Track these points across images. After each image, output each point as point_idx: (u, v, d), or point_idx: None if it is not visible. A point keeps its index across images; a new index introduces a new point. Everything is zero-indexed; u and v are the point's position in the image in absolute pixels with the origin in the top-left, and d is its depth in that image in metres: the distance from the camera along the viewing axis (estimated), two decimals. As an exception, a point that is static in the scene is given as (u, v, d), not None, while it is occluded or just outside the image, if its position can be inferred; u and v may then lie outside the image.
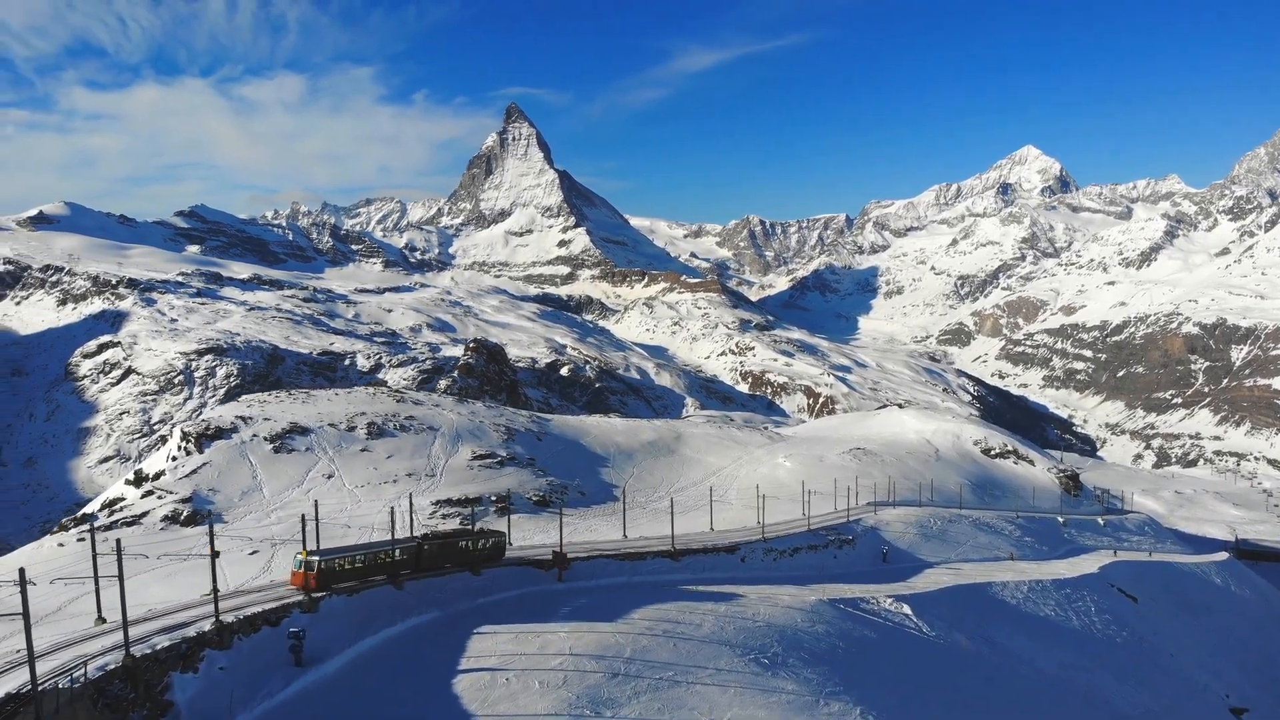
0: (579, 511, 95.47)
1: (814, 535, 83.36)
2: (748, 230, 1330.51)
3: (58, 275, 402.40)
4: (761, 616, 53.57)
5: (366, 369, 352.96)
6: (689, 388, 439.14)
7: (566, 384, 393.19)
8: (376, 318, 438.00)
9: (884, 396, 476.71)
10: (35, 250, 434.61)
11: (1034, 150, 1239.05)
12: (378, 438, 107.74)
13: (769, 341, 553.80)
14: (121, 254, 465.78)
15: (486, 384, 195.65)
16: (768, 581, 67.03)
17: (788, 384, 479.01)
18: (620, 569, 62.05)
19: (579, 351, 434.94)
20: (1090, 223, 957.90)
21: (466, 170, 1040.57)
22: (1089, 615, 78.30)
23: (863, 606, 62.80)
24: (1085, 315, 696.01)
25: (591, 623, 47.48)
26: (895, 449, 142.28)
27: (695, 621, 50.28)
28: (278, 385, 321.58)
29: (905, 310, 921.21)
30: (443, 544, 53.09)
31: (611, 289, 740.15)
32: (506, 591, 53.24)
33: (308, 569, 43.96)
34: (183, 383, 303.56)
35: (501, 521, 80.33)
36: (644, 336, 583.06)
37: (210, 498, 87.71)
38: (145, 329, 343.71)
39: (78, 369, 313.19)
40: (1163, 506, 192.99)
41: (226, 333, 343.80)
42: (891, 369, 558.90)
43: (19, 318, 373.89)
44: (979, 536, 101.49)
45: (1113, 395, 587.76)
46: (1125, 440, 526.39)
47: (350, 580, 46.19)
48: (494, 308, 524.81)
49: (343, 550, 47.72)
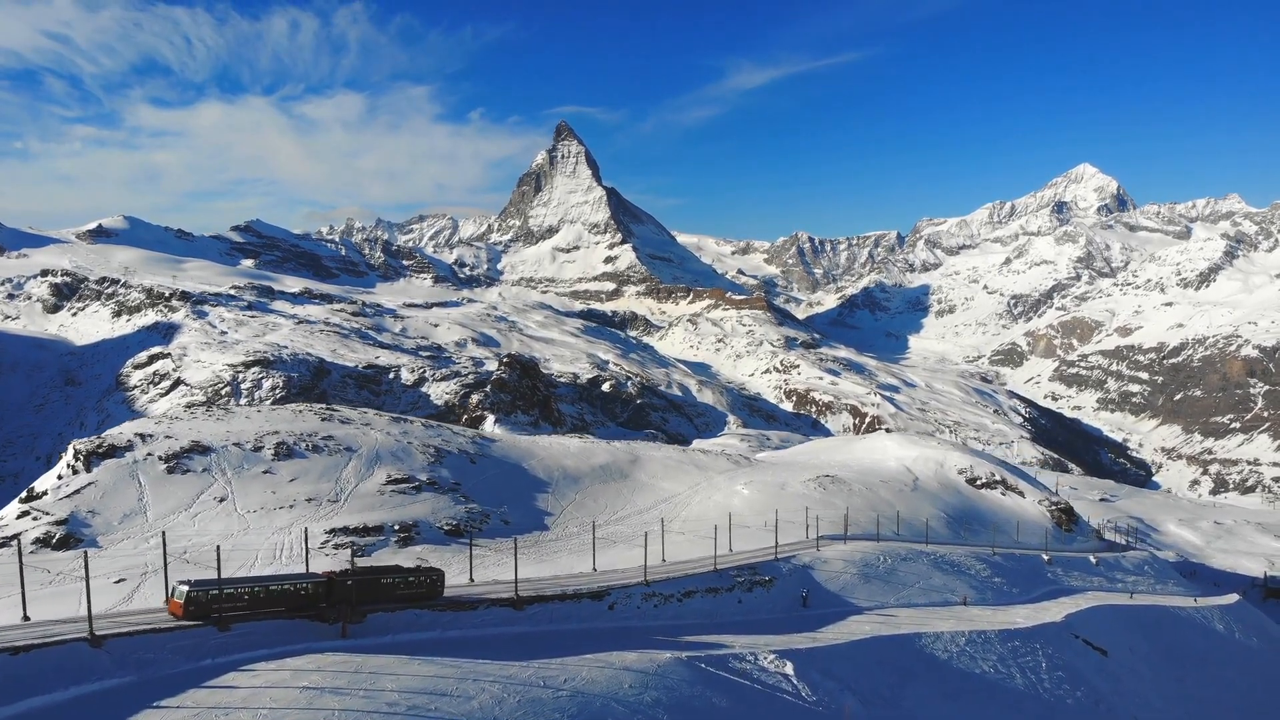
0: (495, 543, 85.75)
1: (720, 576, 73.02)
2: (796, 247, 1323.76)
3: (113, 287, 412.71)
4: (572, 684, 43.47)
5: (411, 382, 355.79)
6: (731, 405, 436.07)
7: (608, 400, 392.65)
8: (423, 332, 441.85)
9: (933, 418, 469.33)
10: (93, 263, 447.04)
11: (1090, 168, 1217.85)
12: (285, 459, 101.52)
13: (815, 360, 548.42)
14: (177, 267, 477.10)
15: (520, 399, 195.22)
16: (634, 633, 58.22)
17: (833, 403, 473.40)
18: (435, 621, 52.27)
19: (621, 367, 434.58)
20: (1148, 242, 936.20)
21: (516, 188, 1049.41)
22: (1038, 672, 68.66)
23: (731, 665, 52.59)
24: (1141, 337, 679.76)
25: (304, 707, 36.84)
26: (869, 477, 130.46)
27: (466, 694, 39.70)
28: (323, 398, 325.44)
29: (957, 329, 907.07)
30: (362, 580, 50.06)
31: (656, 305, 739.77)
32: (254, 650, 43.61)
33: (175, 596, 44.08)
34: (230, 394, 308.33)
35: (404, 554, 76.09)
36: (687, 353, 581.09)
37: (88, 520, 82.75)
38: (195, 341, 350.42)
39: (128, 379, 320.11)
40: (1199, 538, 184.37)
41: (275, 345, 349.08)
42: (941, 389, 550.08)
43: (75, 328, 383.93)
44: (934, 577, 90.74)
45: (1169, 419, 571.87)
46: (1181, 465, 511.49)
47: (237, 613, 44.99)
48: (538, 323, 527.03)
49: (233, 581, 46.56)
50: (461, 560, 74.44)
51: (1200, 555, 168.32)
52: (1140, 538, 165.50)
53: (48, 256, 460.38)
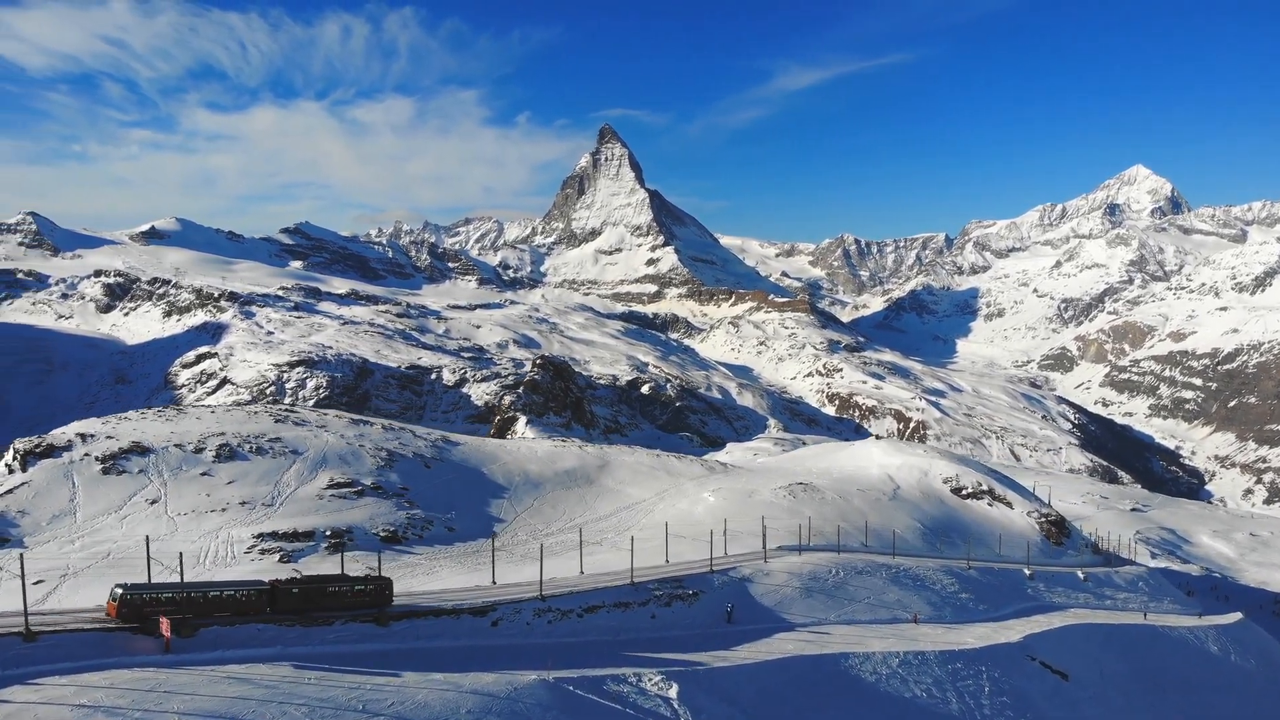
0: (432, 550, 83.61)
1: (636, 590, 67.15)
2: (842, 249, 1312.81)
3: (164, 288, 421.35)
4: (398, 708, 38.36)
5: (452, 383, 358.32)
6: (772, 409, 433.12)
7: (646, 402, 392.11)
8: (466, 333, 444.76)
9: (979, 423, 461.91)
10: (146, 264, 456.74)
11: (1144, 170, 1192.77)
12: (226, 461, 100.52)
13: (858, 363, 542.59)
14: (227, 268, 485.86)
15: (552, 400, 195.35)
16: (515, 652, 53.68)
17: (876, 407, 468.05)
18: (279, 637, 47.34)
19: (660, 370, 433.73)
20: (1202, 245, 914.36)
21: (560, 190, 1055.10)
22: (978, 697, 62.20)
23: (605, 689, 47.01)
24: (1195, 342, 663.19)
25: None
26: (845, 485, 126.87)
27: (260, 717, 35.53)
28: (365, 398, 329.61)
29: (1005, 333, 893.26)
30: (306, 588, 49.60)
31: (698, 308, 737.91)
32: (57, 662, 39.95)
33: (111, 599, 44.93)
34: (274, 394, 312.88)
35: (331, 561, 74.28)
36: (729, 356, 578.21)
37: (17, 520, 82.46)
38: (242, 341, 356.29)
39: (176, 378, 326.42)
40: (1233, 550, 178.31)
41: (319, 346, 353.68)
42: (988, 394, 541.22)
43: (127, 328, 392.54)
44: (890, 592, 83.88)
45: (1223, 426, 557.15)
46: (1235, 474, 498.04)
47: (175, 618, 44.91)
48: (579, 325, 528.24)
49: (172, 586, 46.94)
50: (393, 568, 71.97)
51: (1233, 568, 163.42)
52: (1170, 550, 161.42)
53: (101, 257, 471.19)
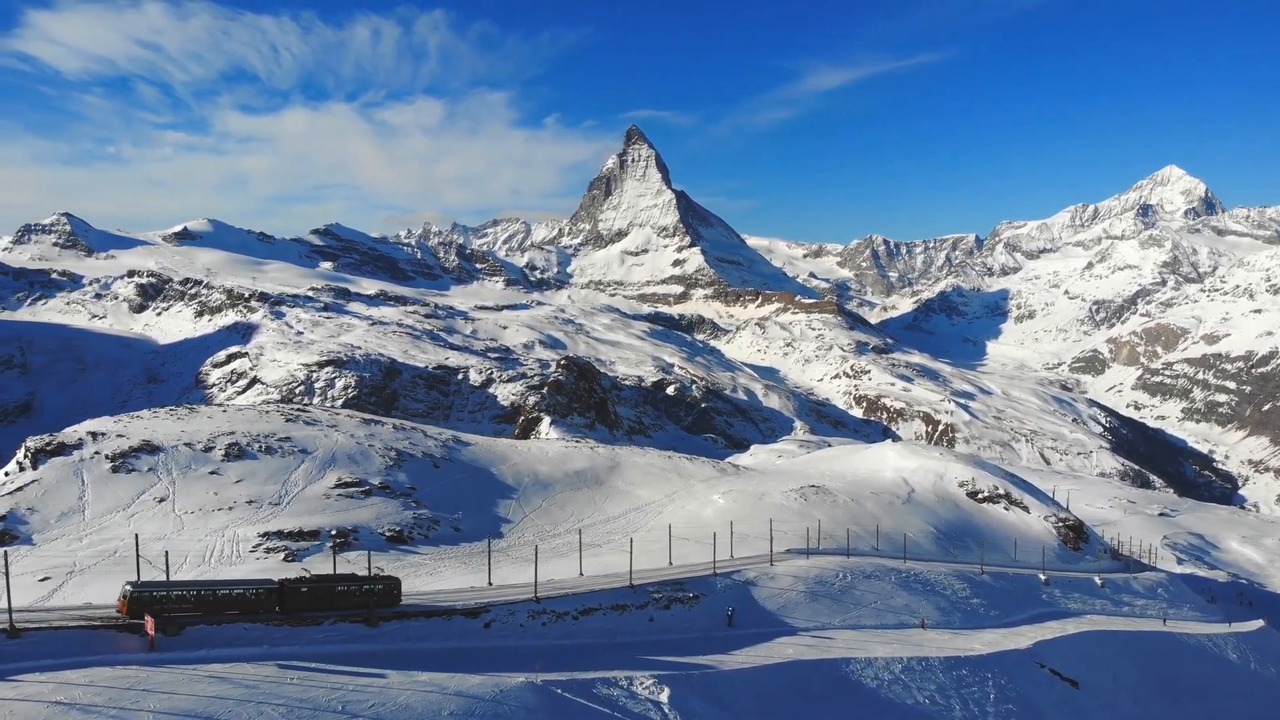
0: (437, 550, 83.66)
1: (634, 592, 66.11)
2: (870, 250, 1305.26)
3: (196, 288, 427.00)
4: (379, 709, 37.36)
5: (479, 383, 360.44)
6: (798, 410, 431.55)
7: (672, 403, 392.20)
8: (492, 334, 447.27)
9: (1008, 426, 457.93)
10: (178, 264, 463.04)
11: (1177, 170, 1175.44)
12: (235, 460, 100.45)
13: (886, 365, 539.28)
14: (258, 269, 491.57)
15: (576, 400, 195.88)
16: (508, 654, 52.79)
17: (904, 410, 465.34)
18: (266, 637, 47.04)
19: (686, 371, 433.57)
20: (1236, 247, 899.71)
21: (587, 191, 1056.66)
22: (983, 704, 60.64)
23: (595, 692, 45.95)
24: (1229, 345, 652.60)
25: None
26: (859, 488, 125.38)
27: (237, 717, 34.60)
28: (393, 398, 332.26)
29: (1036, 335, 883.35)
30: (315, 587, 50.32)
31: (724, 308, 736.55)
32: (42, 659, 39.07)
33: (122, 597, 45.24)
34: (303, 393, 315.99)
35: (337, 560, 74.65)
36: (755, 357, 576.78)
37: (26, 517, 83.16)
38: (272, 341, 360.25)
39: (207, 378, 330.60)
40: (1262, 556, 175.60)
41: (348, 346, 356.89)
42: (1018, 397, 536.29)
43: (159, 328, 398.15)
44: (898, 597, 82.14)
45: (1257, 430, 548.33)
46: (1269, 479, 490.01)
47: (185, 615, 45.83)
48: (605, 326, 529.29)
49: (182, 584, 47.75)
50: (397, 567, 72.27)
51: (1261, 574, 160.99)
52: (1198, 555, 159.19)
53: (134, 258, 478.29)
